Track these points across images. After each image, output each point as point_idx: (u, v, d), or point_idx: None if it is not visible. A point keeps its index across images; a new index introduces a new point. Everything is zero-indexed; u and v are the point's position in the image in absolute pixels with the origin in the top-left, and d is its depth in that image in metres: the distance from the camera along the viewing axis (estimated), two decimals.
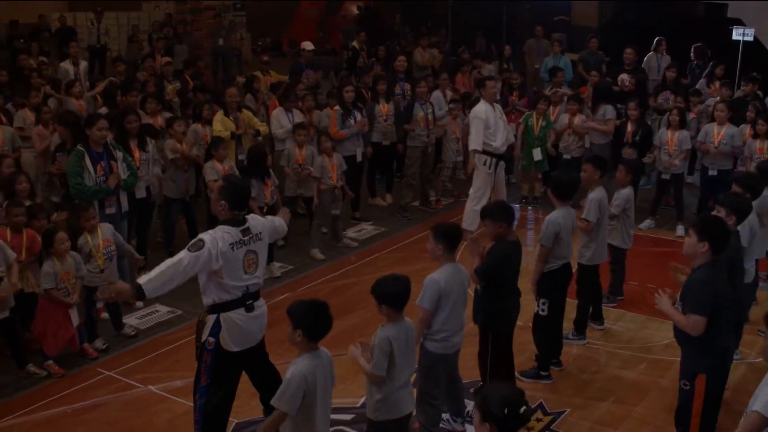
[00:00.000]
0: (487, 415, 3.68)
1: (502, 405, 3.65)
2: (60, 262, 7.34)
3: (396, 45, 21.03)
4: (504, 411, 3.64)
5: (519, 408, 3.67)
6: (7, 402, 6.93)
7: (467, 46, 17.96)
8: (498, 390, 3.78)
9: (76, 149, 8.20)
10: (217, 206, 5.76)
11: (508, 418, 3.65)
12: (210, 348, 5.77)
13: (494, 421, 3.66)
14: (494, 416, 3.66)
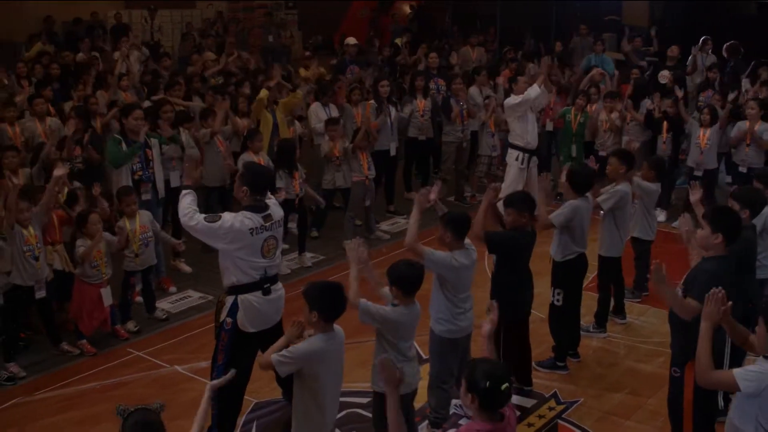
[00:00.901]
0: (471, 386, 3.86)
1: (486, 378, 3.83)
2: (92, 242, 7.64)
3: (445, 44, 21.15)
4: (486, 384, 3.80)
5: (501, 384, 3.83)
6: (42, 376, 7.28)
7: (515, 45, 18.03)
8: (486, 364, 3.95)
9: (113, 137, 8.53)
10: (240, 192, 5.98)
11: (490, 391, 3.82)
12: (227, 328, 5.99)
13: (477, 392, 3.83)
14: (478, 387, 3.83)
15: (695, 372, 4.68)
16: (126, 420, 3.89)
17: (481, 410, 3.88)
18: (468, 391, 3.88)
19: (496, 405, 3.89)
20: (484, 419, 3.89)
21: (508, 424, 3.96)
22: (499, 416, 3.92)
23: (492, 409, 3.90)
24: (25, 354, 7.57)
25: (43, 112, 9.82)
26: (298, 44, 24.63)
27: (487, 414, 3.89)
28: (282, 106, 10.71)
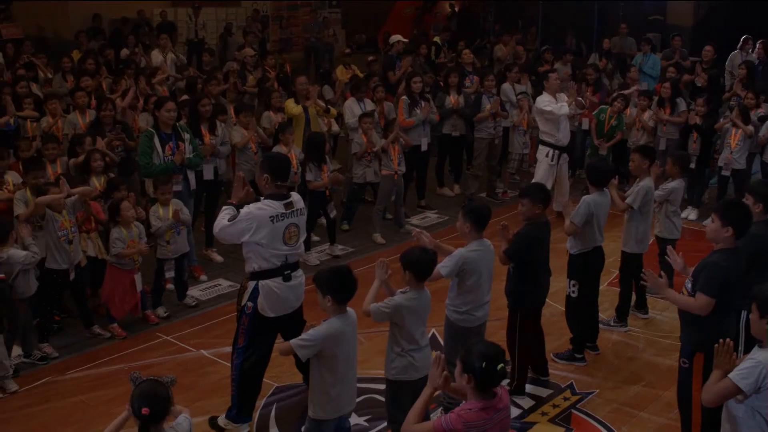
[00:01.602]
0: (467, 367, 3.99)
1: (481, 359, 3.95)
2: (126, 230, 7.88)
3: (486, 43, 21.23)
4: (482, 364, 3.93)
5: (496, 364, 3.96)
6: (74, 357, 7.57)
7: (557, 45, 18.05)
8: (482, 345, 4.08)
9: (146, 130, 8.78)
10: (261, 180, 6.15)
11: (486, 371, 3.94)
12: (248, 312, 6.19)
13: (472, 373, 3.97)
14: (473, 368, 3.96)
15: (701, 397, 4.76)
16: (137, 387, 4.08)
17: (476, 390, 4.02)
18: (464, 371, 4.01)
19: (491, 385, 4.02)
20: (479, 399, 4.02)
21: (500, 400, 4.09)
22: (491, 394, 4.05)
23: (487, 389, 4.02)
24: (58, 336, 7.87)
25: (84, 104, 10.13)
26: (342, 42, 24.89)
27: (481, 394, 4.02)
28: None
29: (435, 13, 26.58)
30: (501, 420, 4.07)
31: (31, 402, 6.82)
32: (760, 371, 4.34)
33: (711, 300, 5.28)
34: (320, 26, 22.14)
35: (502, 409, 4.08)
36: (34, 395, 6.92)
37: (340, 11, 26.20)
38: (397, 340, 5.59)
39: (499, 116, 11.72)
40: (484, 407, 4.00)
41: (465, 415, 3.98)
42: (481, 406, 4.00)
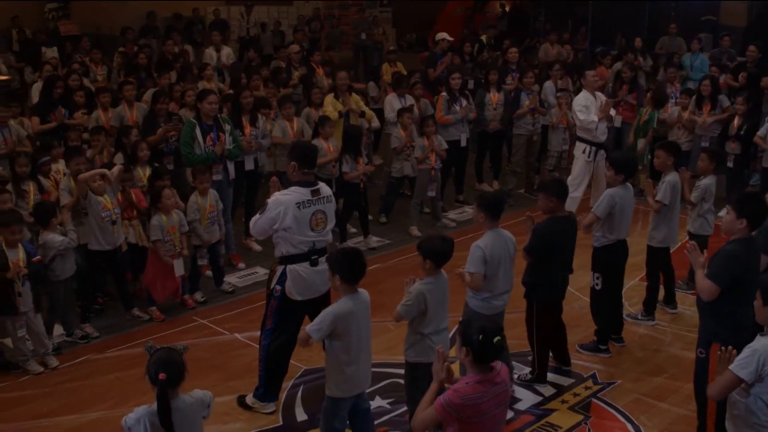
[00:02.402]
0: (465, 340, 4.17)
1: (479, 332, 4.13)
2: (167, 218, 8.18)
3: (536, 42, 21.27)
4: (479, 337, 4.10)
5: (493, 337, 4.12)
6: (113, 337, 7.91)
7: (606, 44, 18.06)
8: (479, 321, 4.24)
9: (188, 121, 9.10)
10: (289, 167, 6.39)
11: (482, 344, 4.11)
12: (276, 295, 6.42)
13: (471, 346, 4.14)
14: (471, 341, 4.13)
15: (708, 392, 4.90)
16: (152, 356, 4.33)
17: (474, 363, 4.19)
18: (462, 345, 4.20)
19: (488, 358, 4.18)
20: (476, 372, 4.19)
21: (497, 374, 4.24)
22: (489, 368, 4.21)
23: (484, 362, 4.19)
24: (100, 317, 8.22)
25: (131, 97, 10.50)
26: (392, 42, 25.08)
27: (479, 367, 4.19)
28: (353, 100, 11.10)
29: (486, 12, 26.65)
30: (498, 394, 4.22)
31: (72, 377, 7.16)
32: (758, 359, 4.43)
33: (716, 287, 5.38)
34: (370, 25, 22.35)
35: (499, 383, 4.24)
36: (75, 371, 7.26)
37: (391, 10, 26.41)
38: (416, 323, 5.78)
39: (537, 112, 11.82)
40: (480, 380, 4.17)
41: (461, 389, 4.15)
42: (478, 380, 4.17)
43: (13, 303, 7.01)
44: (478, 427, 4.20)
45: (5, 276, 6.91)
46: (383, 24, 24.49)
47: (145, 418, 4.29)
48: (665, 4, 22.09)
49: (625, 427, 6.44)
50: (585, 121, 10.42)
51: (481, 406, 4.15)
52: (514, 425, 6.43)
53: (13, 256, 6.99)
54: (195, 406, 4.47)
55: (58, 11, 19.62)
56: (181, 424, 4.32)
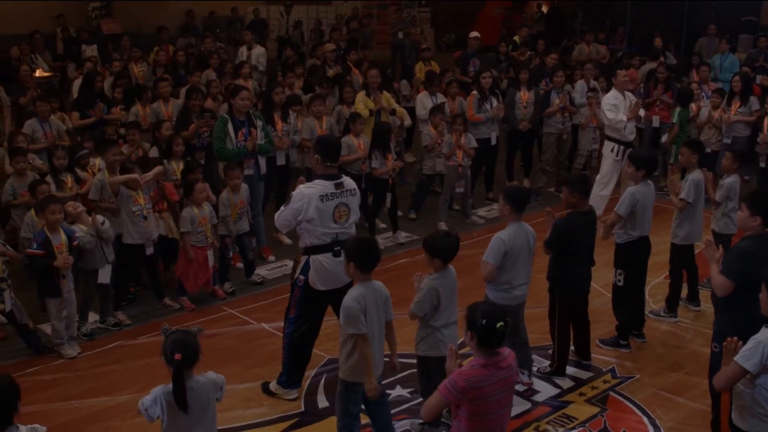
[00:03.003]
0: (470, 324, 4.33)
1: (483, 317, 4.27)
2: (198, 210, 8.41)
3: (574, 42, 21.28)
4: (483, 321, 4.25)
5: (496, 322, 4.26)
6: (145, 325, 8.17)
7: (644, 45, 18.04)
8: (485, 306, 4.41)
9: (221, 116, 9.33)
10: (313, 160, 6.58)
11: (486, 328, 4.26)
12: (300, 285, 6.61)
13: (475, 330, 4.29)
14: (475, 325, 4.28)
15: (714, 383, 5.00)
16: (168, 337, 4.53)
17: (479, 346, 4.34)
18: (468, 329, 4.35)
19: (492, 342, 4.32)
20: (481, 355, 4.33)
21: (503, 359, 4.38)
22: (494, 352, 4.35)
23: (489, 346, 4.34)
24: (132, 306, 8.48)
25: (166, 94, 10.78)
26: (430, 41, 25.21)
27: (484, 350, 4.34)
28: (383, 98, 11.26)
29: (524, 13, 26.69)
30: (503, 379, 4.36)
31: (104, 362, 7.42)
32: (762, 349, 4.51)
33: (729, 282, 5.46)
34: (408, 24, 22.51)
35: (504, 368, 4.37)
36: (107, 356, 7.53)
37: (430, 10, 26.55)
38: (427, 317, 5.93)
39: (567, 111, 11.90)
40: (485, 364, 4.31)
41: (466, 372, 4.29)
42: (483, 363, 4.31)
43: (57, 285, 7.34)
44: (483, 410, 4.34)
45: (53, 264, 7.23)
46: (422, 24, 24.64)
47: (162, 397, 4.51)
48: (705, 4, 21.94)
49: (641, 420, 6.52)
50: (613, 121, 10.49)
51: (485, 389, 4.29)
52: (531, 416, 6.56)
53: (56, 241, 7.31)
54: (209, 387, 4.66)
55: (100, 10, 20.07)
56: (195, 403, 4.53)
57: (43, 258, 7.23)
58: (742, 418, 4.76)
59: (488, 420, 4.39)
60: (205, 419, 4.65)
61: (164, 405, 4.48)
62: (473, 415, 4.35)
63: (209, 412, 4.69)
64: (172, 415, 4.51)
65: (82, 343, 7.70)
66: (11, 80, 12.50)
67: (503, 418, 4.53)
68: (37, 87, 12.19)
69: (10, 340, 7.76)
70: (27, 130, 9.89)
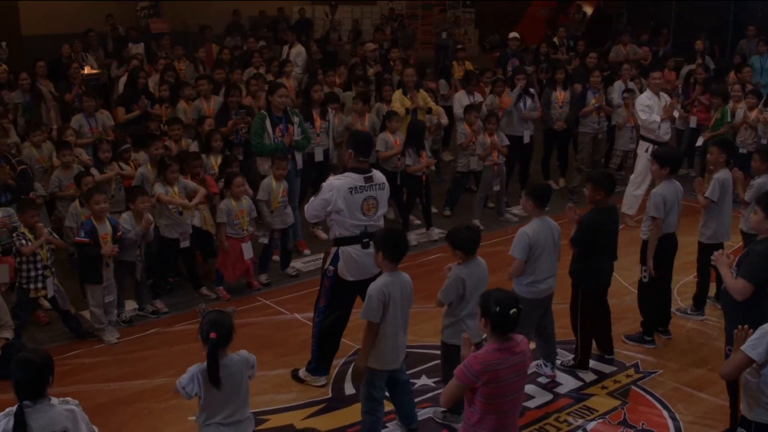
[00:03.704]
0: (484, 311, 4.52)
1: (496, 304, 4.46)
2: (236, 203, 8.67)
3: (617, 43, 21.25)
4: (496, 309, 4.43)
5: (509, 309, 4.44)
6: (181, 313, 8.49)
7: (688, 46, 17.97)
8: (498, 293, 4.58)
9: (260, 113, 9.60)
10: (346, 155, 6.80)
11: (499, 315, 4.44)
12: (329, 275, 6.83)
13: (489, 317, 4.48)
14: (489, 312, 4.47)
15: (720, 372, 5.17)
16: (204, 317, 4.79)
17: (493, 332, 4.53)
18: (482, 316, 4.54)
19: (505, 328, 4.51)
20: (495, 341, 4.51)
21: (516, 344, 4.56)
22: (507, 338, 4.53)
23: (502, 332, 4.52)
24: (170, 295, 8.80)
25: (206, 91, 11.11)
26: (474, 42, 25.34)
27: (498, 336, 4.52)
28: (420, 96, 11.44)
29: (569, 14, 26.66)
30: (516, 363, 4.54)
31: (141, 347, 7.75)
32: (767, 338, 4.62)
33: (749, 286, 5.55)
34: (451, 25, 22.65)
35: (518, 353, 4.56)
36: (144, 342, 7.85)
37: (474, 11, 26.65)
38: (453, 306, 6.13)
39: (603, 111, 11.98)
40: (499, 348, 4.50)
41: (481, 356, 4.48)
42: (497, 347, 4.50)
43: (99, 273, 7.70)
44: (497, 393, 4.52)
45: (99, 252, 7.59)
46: (465, 24, 24.76)
47: (198, 374, 4.80)
48: (752, 5, 21.79)
49: (661, 414, 6.63)
50: (646, 121, 10.55)
51: (499, 373, 4.47)
52: (552, 407, 6.71)
53: (102, 231, 7.68)
54: (241, 364, 4.92)
55: (149, 9, 20.52)
56: (229, 380, 4.82)
57: (90, 246, 7.58)
58: (750, 408, 4.88)
59: (502, 403, 4.57)
60: (238, 395, 4.93)
61: (201, 381, 4.78)
62: (488, 399, 4.53)
63: (242, 389, 4.96)
64: (207, 391, 4.82)
65: (122, 329, 8.04)
66: (63, 78, 12.97)
67: (517, 401, 4.71)
68: (82, 84, 12.59)
69: (53, 325, 8.13)
70: (74, 125, 10.29)
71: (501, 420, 4.58)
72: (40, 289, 7.58)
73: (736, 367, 4.80)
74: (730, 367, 4.86)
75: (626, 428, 6.40)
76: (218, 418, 4.88)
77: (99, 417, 6.20)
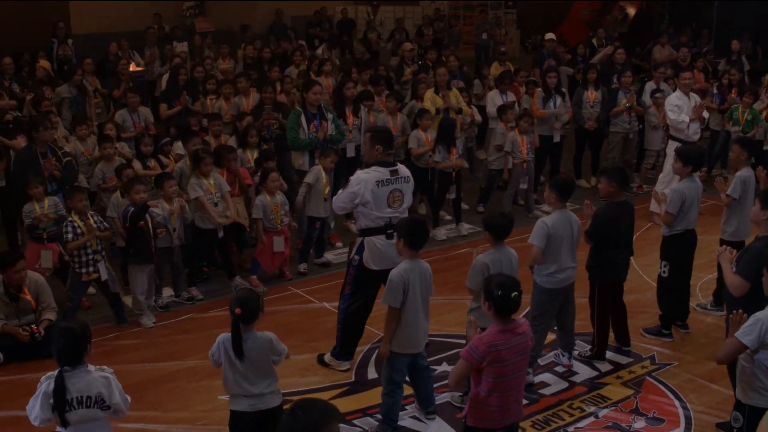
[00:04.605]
0: (488, 295, 4.79)
1: (498, 288, 4.72)
2: (271, 198, 9.02)
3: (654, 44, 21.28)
4: (499, 292, 4.69)
5: (511, 293, 4.71)
6: (215, 301, 8.83)
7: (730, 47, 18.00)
8: (500, 278, 4.86)
9: (294, 109, 9.95)
10: (373, 150, 7.09)
11: (501, 298, 4.71)
12: (355, 264, 7.14)
13: (492, 300, 4.74)
14: (492, 296, 4.73)
15: (716, 357, 5.32)
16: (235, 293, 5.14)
17: (496, 315, 4.79)
18: (485, 300, 4.80)
19: (507, 310, 4.78)
20: (498, 323, 4.78)
21: (518, 326, 4.84)
22: (510, 320, 4.80)
23: (504, 314, 4.79)
24: (205, 283, 9.18)
25: (245, 88, 11.51)
26: (515, 43, 25.49)
27: (500, 318, 4.79)
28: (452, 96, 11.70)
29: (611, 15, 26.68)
30: (518, 344, 4.81)
31: (175, 331, 8.15)
32: (760, 327, 4.83)
33: (745, 283, 5.70)
34: (492, 26, 22.85)
35: (520, 334, 4.83)
36: (178, 326, 8.25)
37: (516, 12, 26.80)
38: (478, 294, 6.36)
39: (635, 111, 12.14)
40: (502, 330, 4.77)
41: (486, 337, 4.75)
42: (500, 329, 4.77)
43: (148, 251, 8.16)
44: (502, 372, 4.79)
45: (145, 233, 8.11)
46: (507, 25, 24.92)
47: (223, 342, 5.26)
48: None
49: (673, 404, 6.83)
50: (675, 121, 10.70)
51: (502, 353, 4.74)
52: (566, 395, 6.94)
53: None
54: (265, 342, 5.28)
55: (194, 9, 21.04)
56: (250, 354, 5.18)
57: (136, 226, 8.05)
58: (744, 392, 5.08)
59: (506, 382, 4.84)
60: (259, 369, 5.26)
61: (227, 348, 5.19)
62: (494, 377, 4.80)
63: (263, 365, 5.29)
64: (228, 359, 5.22)
65: (158, 314, 8.44)
66: (110, 74, 13.48)
67: (519, 380, 4.98)
68: (129, 80, 13.06)
69: (94, 309, 8.57)
70: (118, 120, 10.75)
71: (505, 397, 4.85)
72: (92, 273, 8.00)
73: (730, 352, 5.00)
74: (724, 353, 5.06)
75: (637, 416, 6.61)
76: (240, 390, 5.25)
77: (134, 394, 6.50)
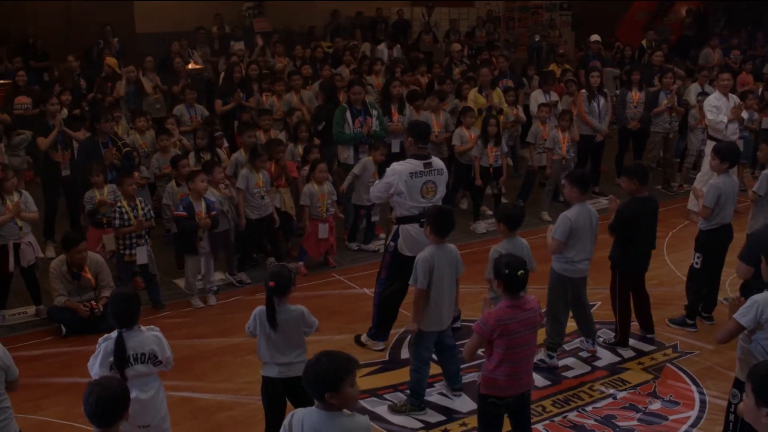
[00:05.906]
0: (497, 274, 5.22)
1: (506, 267, 5.16)
2: (318, 187, 9.53)
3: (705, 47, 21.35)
4: (507, 271, 5.12)
5: (517, 271, 5.13)
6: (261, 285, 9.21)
7: None
8: (507, 257, 5.29)
9: (341, 105, 10.47)
10: (407, 142, 7.57)
11: (509, 276, 5.13)
12: (390, 250, 7.62)
13: (501, 278, 5.17)
14: (501, 274, 5.17)
15: (715, 338, 5.66)
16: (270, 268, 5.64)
17: (505, 292, 5.22)
18: (495, 278, 5.23)
19: (515, 287, 5.20)
20: (507, 299, 5.21)
21: (526, 302, 5.26)
22: (518, 296, 5.22)
23: (513, 291, 5.21)
24: (254, 269, 9.70)
25: (298, 86, 12.06)
26: (570, 45, 25.64)
27: (509, 294, 5.22)
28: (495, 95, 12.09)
29: (667, 17, 26.68)
30: (526, 319, 5.22)
31: (225, 311, 8.74)
32: (757, 308, 5.15)
33: (747, 267, 6.01)
34: (545, 28, 23.08)
35: (527, 310, 5.25)
36: (227, 307, 8.85)
37: (571, 14, 26.94)
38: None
39: (675, 112, 12.39)
40: (510, 305, 5.19)
41: (495, 312, 5.18)
42: (508, 305, 5.19)
43: (195, 245, 8.71)
44: (512, 343, 5.21)
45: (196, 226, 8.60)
46: (561, 27, 25.10)
47: (257, 314, 5.73)
48: None
49: (690, 389, 7.16)
50: (713, 121, 10.93)
51: (510, 326, 5.17)
52: (588, 377, 7.32)
53: (197, 208, 8.67)
54: (297, 315, 5.72)
55: (253, 9, 21.72)
56: (282, 325, 5.64)
57: (186, 219, 8.61)
58: (742, 370, 5.40)
59: (516, 353, 5.26)
60: (290, 339, 5.70)
61: (258, 321, 5.67)
62: (505, 349, 5.22)
63: (294, 336, 5.73)
64: (262, 330, 5.69)
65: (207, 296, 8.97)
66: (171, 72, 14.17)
67: (528, 352, 5.38)
68: (187, 77, 13.71)
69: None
70: (176, 113, 11.36)
71: (514, 368, 5.27)
72: (132, 255, 8.59)
73: (728, 332, 5.33)
74: (723, 333, 5.40)
75: (653, 398, 6.96)
76: (271, 358, 5.72)
77: (182, 366, 7.17)
